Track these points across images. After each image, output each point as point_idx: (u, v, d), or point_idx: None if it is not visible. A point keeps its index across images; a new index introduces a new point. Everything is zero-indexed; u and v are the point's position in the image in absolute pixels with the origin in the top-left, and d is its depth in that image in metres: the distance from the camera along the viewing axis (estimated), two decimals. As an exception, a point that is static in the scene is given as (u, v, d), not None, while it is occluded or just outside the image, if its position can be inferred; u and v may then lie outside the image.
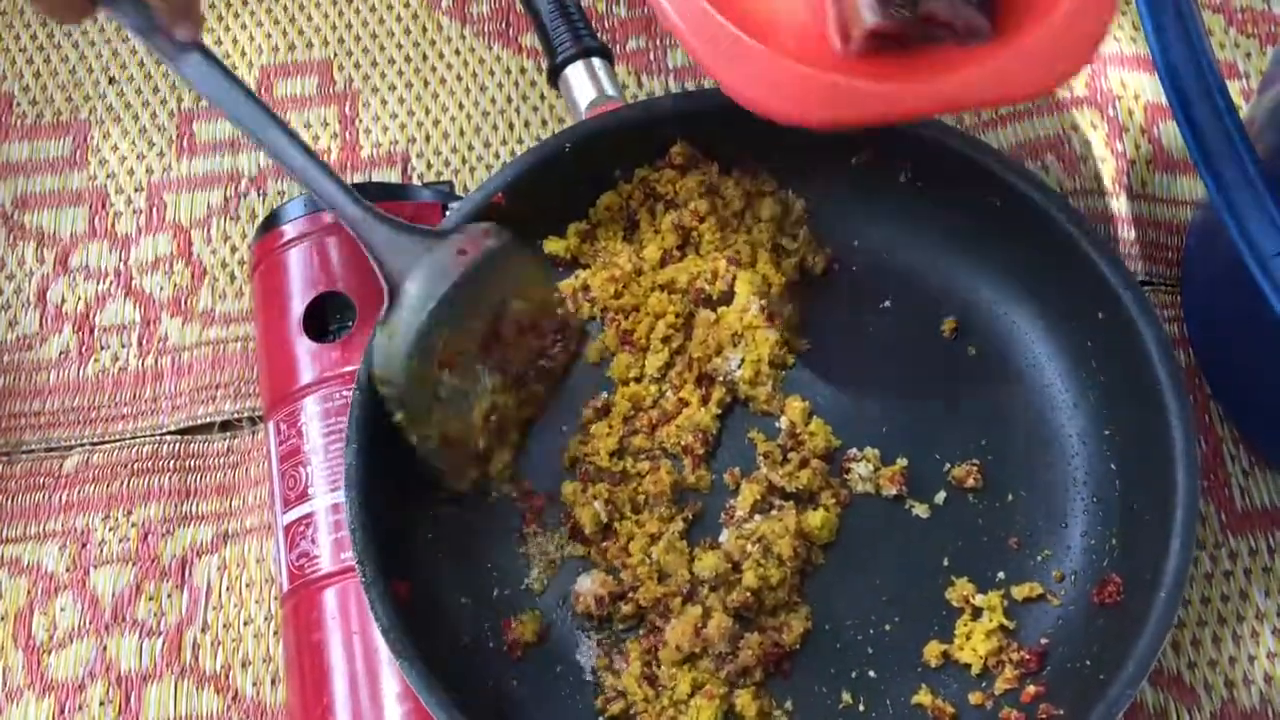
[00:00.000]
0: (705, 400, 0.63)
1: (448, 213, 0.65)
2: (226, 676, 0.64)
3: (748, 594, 0.57)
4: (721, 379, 0.63)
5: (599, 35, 0.69)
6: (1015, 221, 0.62)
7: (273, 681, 0.64)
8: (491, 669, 0.58)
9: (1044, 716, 0.55)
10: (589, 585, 0.59)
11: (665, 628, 0.57)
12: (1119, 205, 0.72)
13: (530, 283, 0.62)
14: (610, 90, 0.66)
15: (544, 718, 0.57)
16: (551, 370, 0.64)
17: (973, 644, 0.58)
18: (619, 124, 0.64)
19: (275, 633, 0.65)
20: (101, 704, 0.63)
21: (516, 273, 0.61)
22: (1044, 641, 0.58)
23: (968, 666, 0.58)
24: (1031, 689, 0.57)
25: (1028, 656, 0.57)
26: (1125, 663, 0.53)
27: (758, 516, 0.60)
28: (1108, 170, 0.73)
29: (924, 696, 0.57)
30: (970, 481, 0.61)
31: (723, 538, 0.60)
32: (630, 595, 0.59)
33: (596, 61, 0.67)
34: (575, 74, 0.67)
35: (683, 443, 0.62)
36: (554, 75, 0.68)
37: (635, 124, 0.64)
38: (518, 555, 0.61)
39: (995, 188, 0.62)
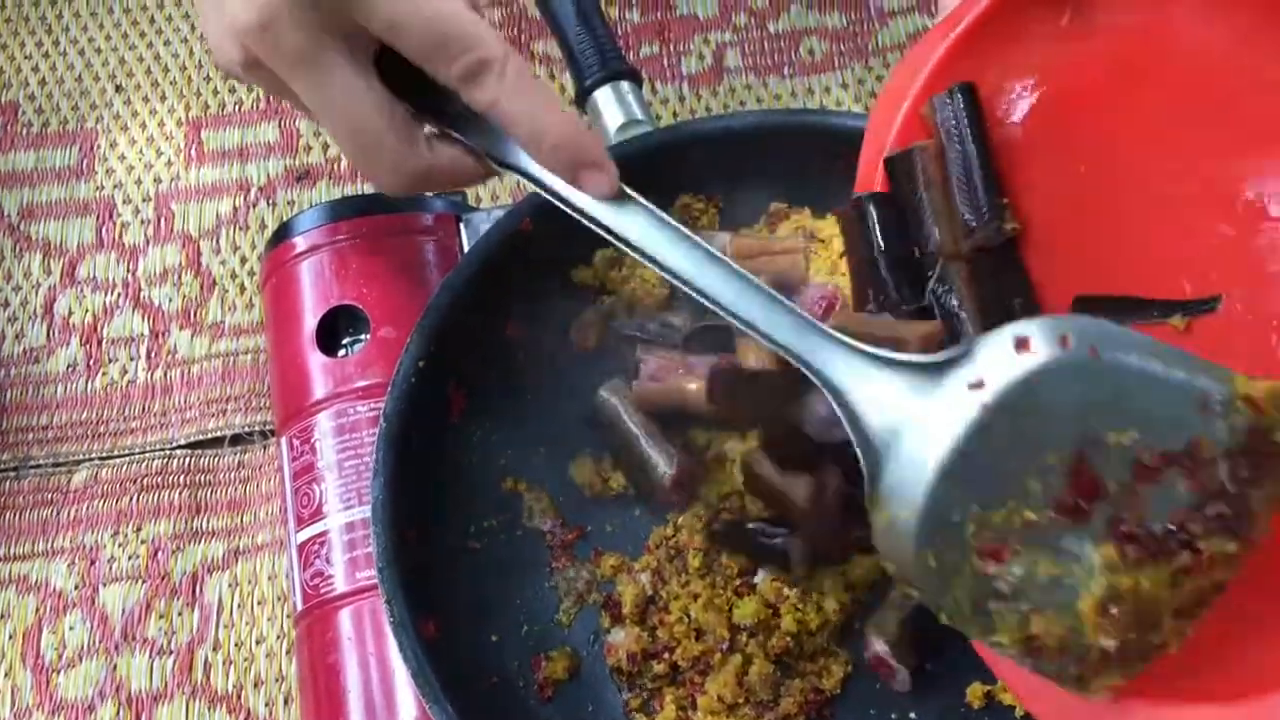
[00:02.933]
0: None
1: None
2: (239, 696, 0.63)
3: (787, 639, 0.56)
4: None
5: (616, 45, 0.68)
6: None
7: (285, 701, 0.63)
8: (522, 708, 0.57)
9: None
10: (622, 639, 0.58)
11: (702, 681, 0.56)
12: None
13: (1140, 394, 0.38)
14: (639, 114, 0.65)
15: (577, 759, 0.56)
16: (1238, 515, 0.39)
17: (1015, 686, 0.56)
18: (648, 148, 0.63)
19: (288, 651, 0.64)
20: (112, 724, 0.63)
21: (1106, 388, 0.38)
22: None
23: (1011, 708, 0.56)
24: None
25: None
26: None
27: None
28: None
29: None
30: None
31: (758, 579, 0.58)
32: (666, 656, 0.57)
33: (625, 85, 0.66)
34: (604, 98, 0.66)
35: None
36: (581, 99, 0.67)
37: (664, 148, 0.63)
38: (546, 590, 0.60)
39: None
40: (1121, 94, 0.47)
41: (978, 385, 0.38)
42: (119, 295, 0.73)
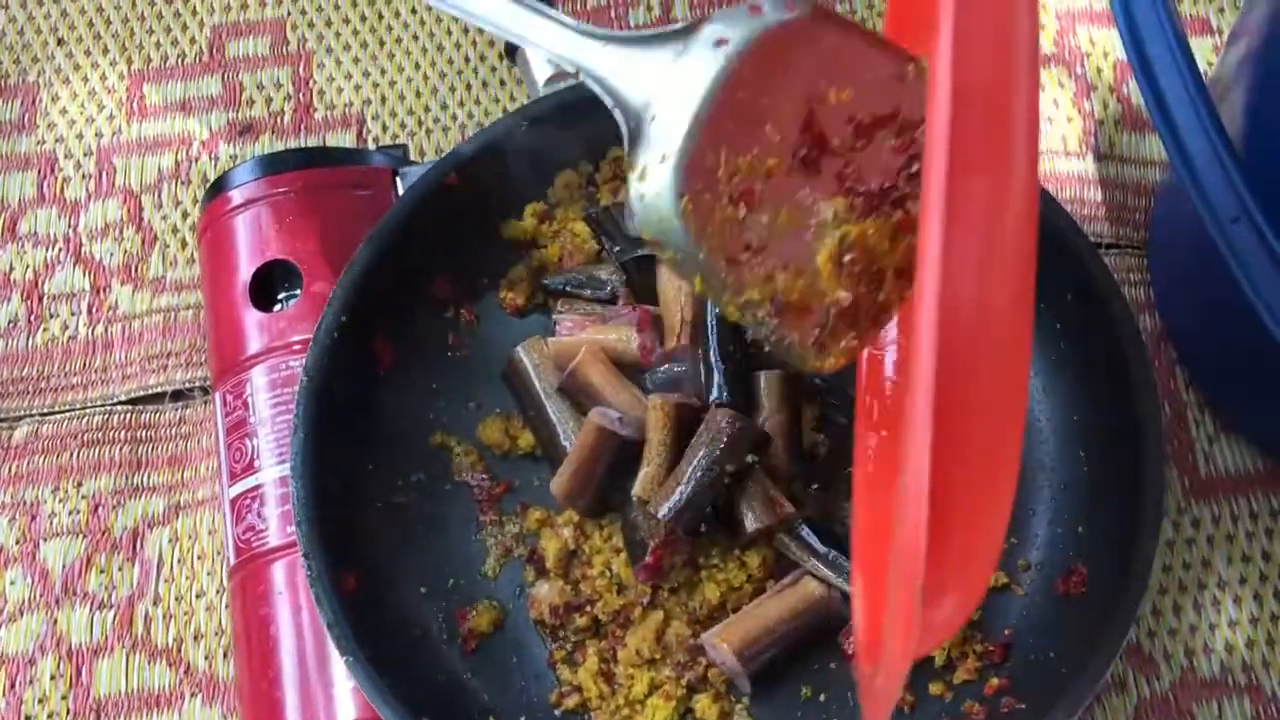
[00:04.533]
0: None
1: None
2: (178, 650, 0.63)
3: (710, 603, 0.56)
4: None
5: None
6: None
7: (225, 654, 0.63)
8: (444, 661, 0.57)
9: (1006, 710, 0.54)
10: (545, 593, 0.58)
11: (623, 634, 0.56)
12: (1086, 167, 0.71)
13: (852, 61, 0.43)
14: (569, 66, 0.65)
15: (498, 711, 0.56)
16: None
17: (935, 636, 0.57)
18: (575, 101, 0.62)
19: (228, 605, 0.64)
20: (52, 678, 0.63)
21: (825, 52, 0.43)
22: (1007, 632, 0.57)
23: (930, 658, 0.57)
24: (995, 681, 0.56)
25: (991, 648, 0.56)
26: (1088, 657, 0.52)
27: None
28: (1074, 130, 0.72)
29: None
30: None
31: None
32: (588, 609, 0.57)
33: None
34: (532, 48, 0.65)
35: None
36: (511, 51, 0.66)
37: (594, 100, 0.62)
38: (473, 544, 0.60)
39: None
40: None
41: (721, 42, 0.42)
42: (60, 250, 0.73)
